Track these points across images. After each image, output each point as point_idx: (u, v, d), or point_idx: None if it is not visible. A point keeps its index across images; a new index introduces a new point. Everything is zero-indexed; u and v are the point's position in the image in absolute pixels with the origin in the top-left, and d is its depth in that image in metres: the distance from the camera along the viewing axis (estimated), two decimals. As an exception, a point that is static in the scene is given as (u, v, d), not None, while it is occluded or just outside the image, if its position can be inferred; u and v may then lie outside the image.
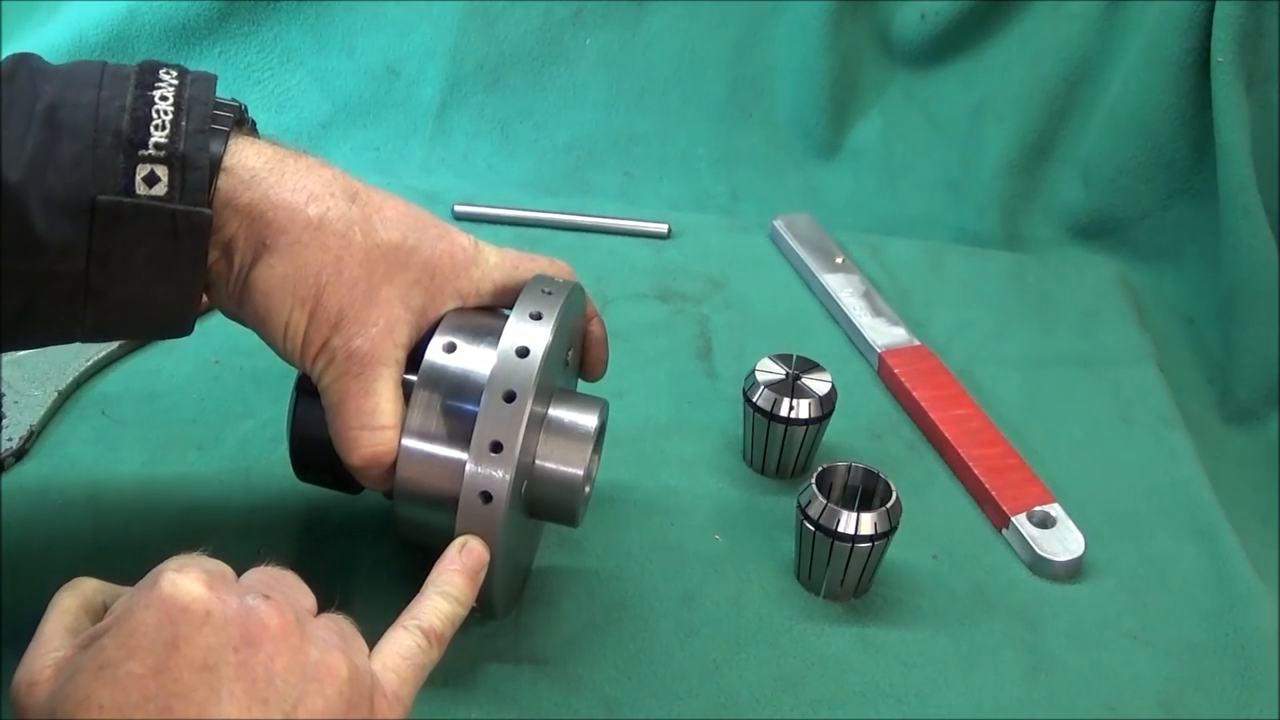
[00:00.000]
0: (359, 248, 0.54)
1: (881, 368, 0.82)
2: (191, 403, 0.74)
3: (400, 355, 0.55)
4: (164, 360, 0.78)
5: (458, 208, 0.97)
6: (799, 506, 0.63)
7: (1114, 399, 0.82)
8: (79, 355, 0.76)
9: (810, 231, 0.95)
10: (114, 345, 0.77)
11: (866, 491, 0.65)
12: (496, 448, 0.52)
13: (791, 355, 0.72)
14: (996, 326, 0.88)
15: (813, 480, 0.63)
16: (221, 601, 0.42)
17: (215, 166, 0.51)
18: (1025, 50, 1.01)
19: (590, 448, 0.57)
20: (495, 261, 0.59)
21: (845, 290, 0.88)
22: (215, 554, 0.46)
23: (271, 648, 0.42)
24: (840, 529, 0.61)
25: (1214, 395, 0.89)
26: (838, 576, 0.63)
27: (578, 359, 0.64)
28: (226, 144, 0.52)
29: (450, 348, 0.55)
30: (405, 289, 0.55)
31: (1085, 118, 1.00)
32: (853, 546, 0.61)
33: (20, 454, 0.69)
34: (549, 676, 0.59)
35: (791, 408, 0.69)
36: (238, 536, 0.63)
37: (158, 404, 0.74)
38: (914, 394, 0.78)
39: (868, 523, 0.61)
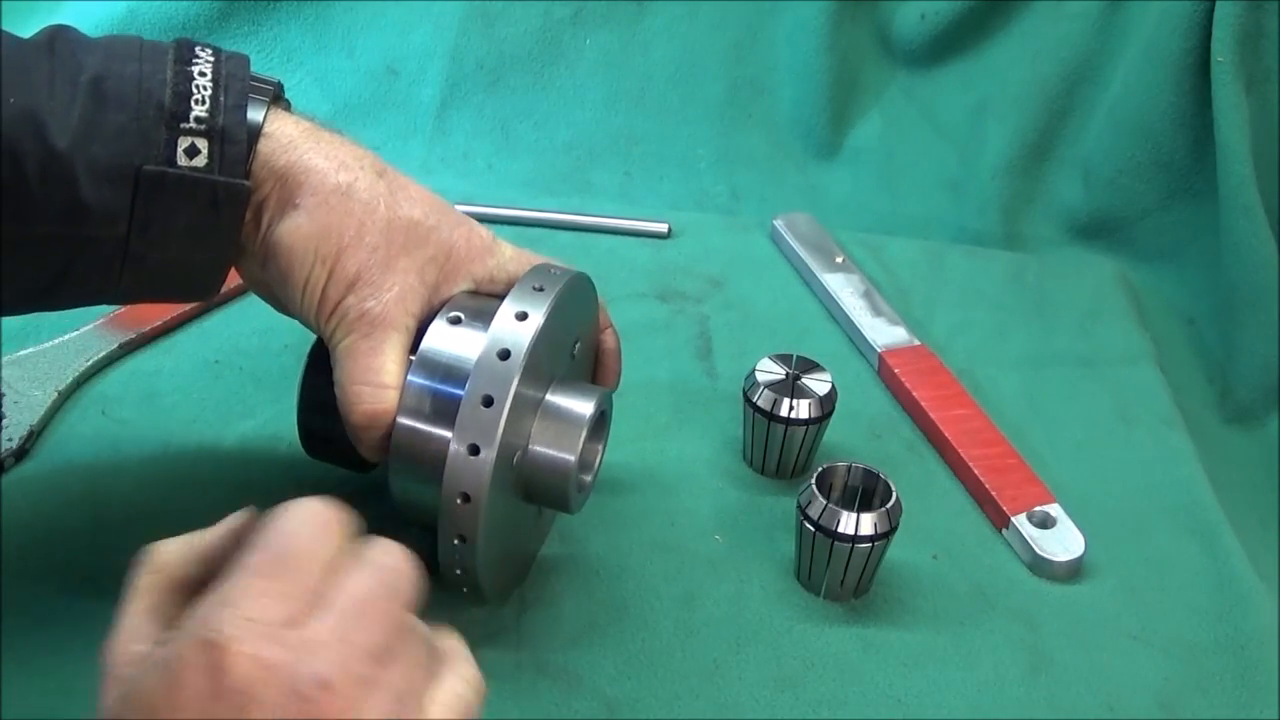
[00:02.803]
0: (381, 218, 0.56)
1: (881, 368, 0.82)
2: (191, 403, 0.74)
3: (411, 323, 0.56)
4: (164, 360, 0.78)
5: (458, 207, 0.96)
6: (799, 507, 0.63)
7: (1114, 399, 0.82)
8: (79, 355, 0.76)
9: (810, 231, 0.95)
10: (114, 345, 0.77)
11: (866, 491, 0.65)
12: (474, 450, 0.52)
13: (791, 355, 0.72)
14: (996, 326, 0.88)
15: (813, 480, 0.63)
16: (274, 670, 0.36)
17: (254, 138, 0.53)
18: (1025, 50, 1.01)
19: (582, 434, 0.57)
20: (511, 254, 0.60)
21: (845, 290, 0.88)
22: None
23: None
24: (840, 529, 0.61)
25: (1214, 395, 0.89)
26: (838, 577, 0.63)
27: (590, 350, 0.64)
28: (265, 114, 0.54)
29: (455, 320, 0.56)
30: (422, 263, 0.57)
31: (1085, 118, 1.00)
32: (853, 547, 0.61)
33: (20, 454, 0.69)
34: (549, 676, 0.59)
35: (791, 408, 0.69)
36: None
37: (158, 404, 0.74)
38: (914, 394, 0.78)
39: (868, 523, 0.61)
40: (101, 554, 0.63)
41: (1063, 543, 0.68)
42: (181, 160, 0.52)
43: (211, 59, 0.54)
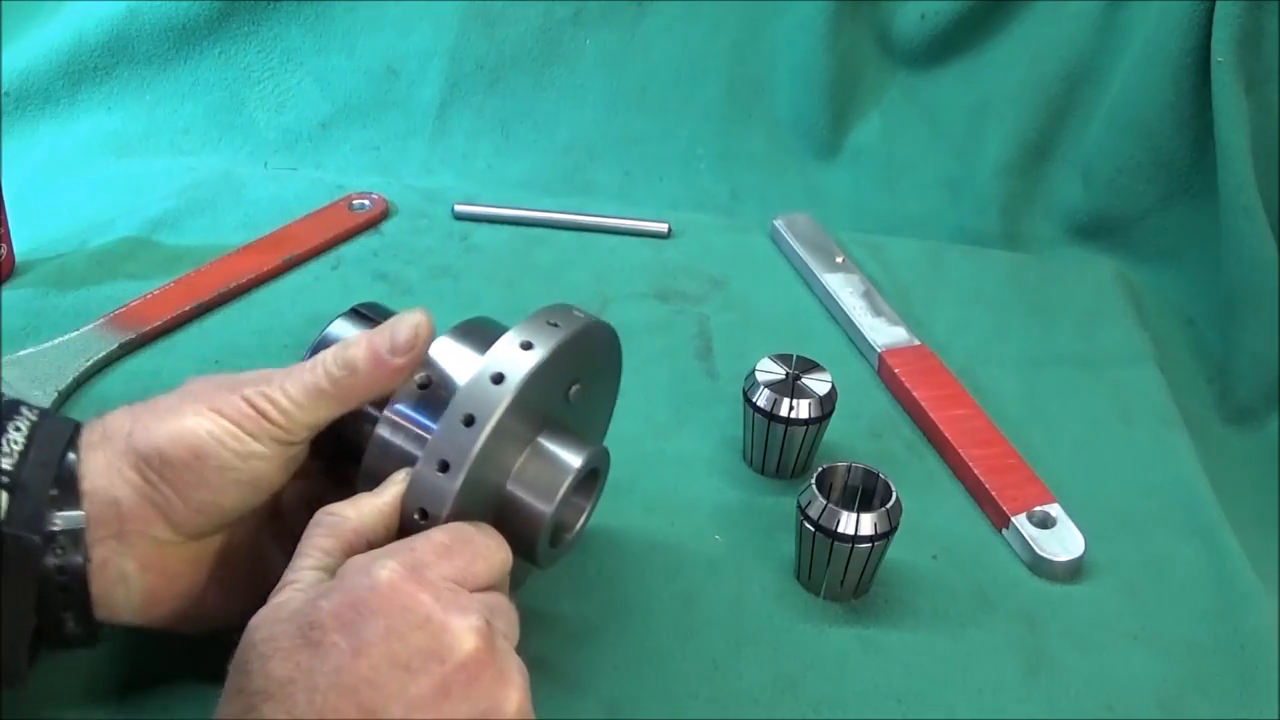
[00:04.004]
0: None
1: (881, 368, 0.82)
2: (191, 403, 0.74)
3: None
4: (164, 360, 0.78)
5: (458, 207, 0.97)
6: (799, 507, 0.63)
7: (1114, 399, 0.82)
8: (79, 355, 0.76)
9: (810, 231, 0.95)
10: (114, 345, 0.77)
11: (866, 491, 0.65)
12: (444, 468, 0.50)
13: (791, 355, 0.72)
14: (996, 326, 0.88)
15: (813, 480, 0.63)
16: (443, 610, 0.45)
17: (65, 493, 0.49)
18: (1025, 50, 1.01)
19: (564, 485, 0.53)
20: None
21: (845, 290, 0.88)
22: None
23: (470, 674, 0.44)
24: (840, 529, 0.61)
25: (1214, 395, 0.89)
26: (838, 577, 0.63)
27: (589, 399, 0.59)
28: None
29: (461, 336, 0.55)
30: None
31: (1085, 118, 1.00)
32: (853, 547, 0.61)
33: (20, 454, 0.69)
34: (549, 676, 0.59)
35: (791, 408, 0.69)
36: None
37: (158, 404, 0.74)
38: (914, 394, 0.78)
39: (868, 523, 0.61)
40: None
41: (1063, 543, 0.68)
42: None
43: (35, 418, 0.50)
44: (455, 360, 0.54)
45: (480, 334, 0.55)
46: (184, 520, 0.51)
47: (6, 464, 0.48)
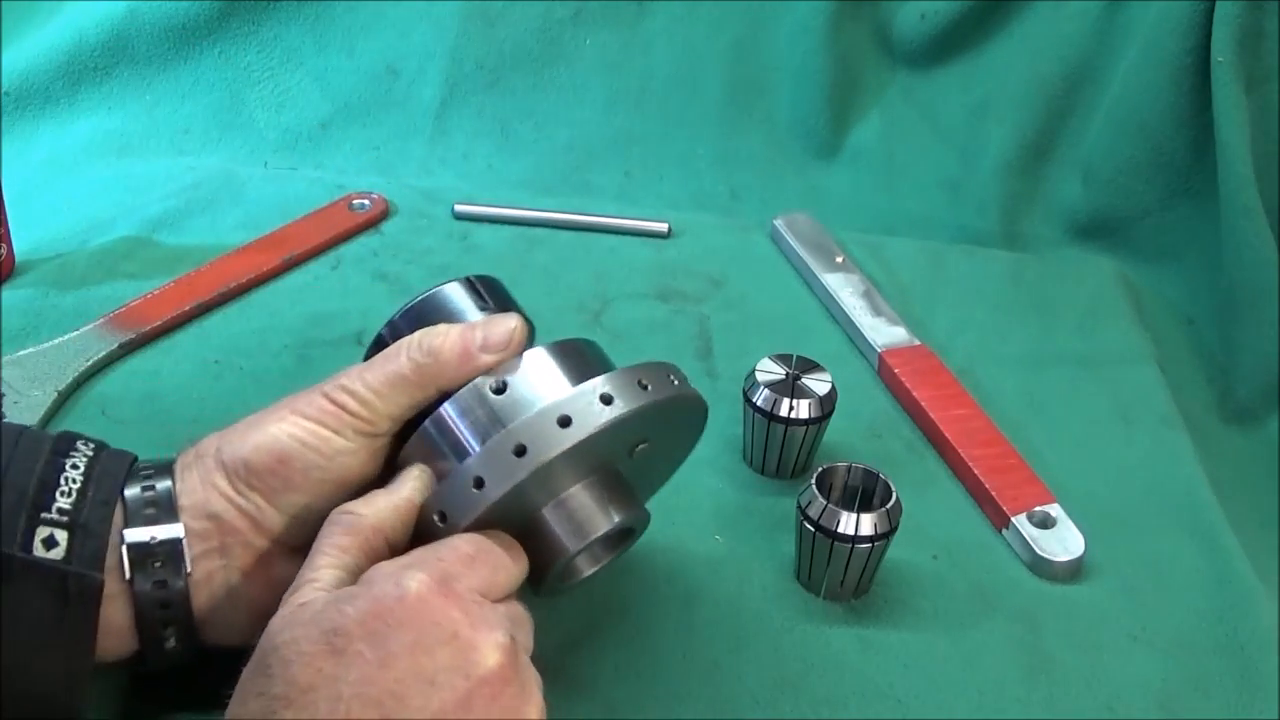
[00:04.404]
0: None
1: (881, 367, 0.82)
2: (191, 403, 0.74)
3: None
4: (164, 360, 0.78)
5: (458, 207, 0.97)
6: (799, 507, 0.63)
7: (1114, 399, 0.82)
8: (79, 355, 0.76)
9: (810, 231, 0.95)
10: (114, 345, 0.77)
11: (866, 492, 0.65)
12: (479, 484, 0.49)
13: (791, 355, 0.72)
14: (996, 326, 0.88)
15: (813, 480, 0.63)
16: (471, 625, 0.45)
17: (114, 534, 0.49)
18: (1025, 50, 1.01)
19: (596, 534, 0.52)
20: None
21: (845, 290, 0.88)
22: None
23: (494, 690, 0.44)
24: (840, 529, 0.61)
25: (1214, 395, 0.89)
26: (838, 577, 0.63)
27: (653, 458, 0.58)
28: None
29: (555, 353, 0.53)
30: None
31: (1085, 118, 1.00)
32: (853, 547, 0.61)
33: (20, 454, 0.69)
34: (549, 676, 0.59)
35: (791, 408, 0.69)
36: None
37: (158, 404, 0.74)
38: (914, 394, 0.78)
39: (868, 523, 0.61)
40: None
41: (1063, 543, 0.68)
42: (38, 550, 0.47)
43: (91, 453, 0.50)
44: (540, 378, 0.52)
45: (579, 360, 0.54)
46: (278, 528, 0.51)
47: (65, 503, 0.48)
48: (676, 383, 0.54)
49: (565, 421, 0.49)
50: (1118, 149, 0.97)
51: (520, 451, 0.49)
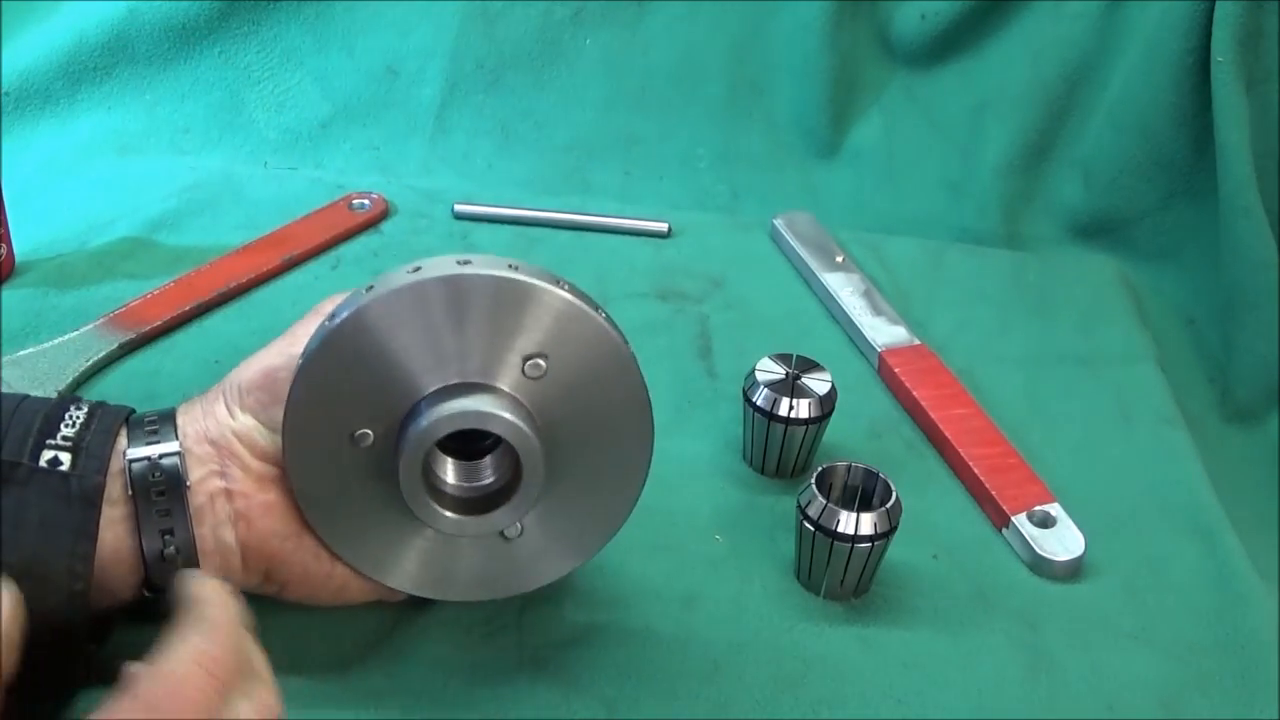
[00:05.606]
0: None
1: (881, 367, 0.82)
2: (191, 403, 0.74)
3: None
4: (164, 360, 0.78)
5: (458, 207, 0.97)
6: (799, 506, 0.63)
7: (1114, 398, 0.82)
8: (79, 355, 0.76)
9: (810, 230, 0.95)
10: (114, 345, 0.77)
11: (866, 491, 0.65)
12: (331, 318, 0.53)
13: (791, 355, 0.72)
14: (997, 325, 0.88)
15: (813, 480, 0.63)
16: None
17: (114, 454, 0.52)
18: (1025, 50, 1.01)
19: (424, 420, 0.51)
20: None
21: (845, 289, 0.88)
22: None
23: None
24: (840, 529, 0.61)
25: (1214, 395, 0.89)
26: (838, 576, 0.63)
27: (589, 421, 0.55)
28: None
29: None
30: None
31: (1085, 118, 1.00)
32: (853, 546, 0.61)
33: (20, 454, 0.69)
34: (549, 676, 0.59)
35: (791, 408, 0.69)
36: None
37: (158, 404, 0.73)
38: (914, 393, 0.78)
39: (868, 523, 0.61)
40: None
41: (1063, 542, 0.68)
42: (42, 465, 0.51)
43: (91, 405, 0.54)
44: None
45: None
46: (273, 448, 0.54)
47: (69, 432, 0.52)
48: (565, 290, 0.51)
49: (415, 269, 0.51)
50: (1118, 149, 0.97)
51: (369, 289, 0.52)
